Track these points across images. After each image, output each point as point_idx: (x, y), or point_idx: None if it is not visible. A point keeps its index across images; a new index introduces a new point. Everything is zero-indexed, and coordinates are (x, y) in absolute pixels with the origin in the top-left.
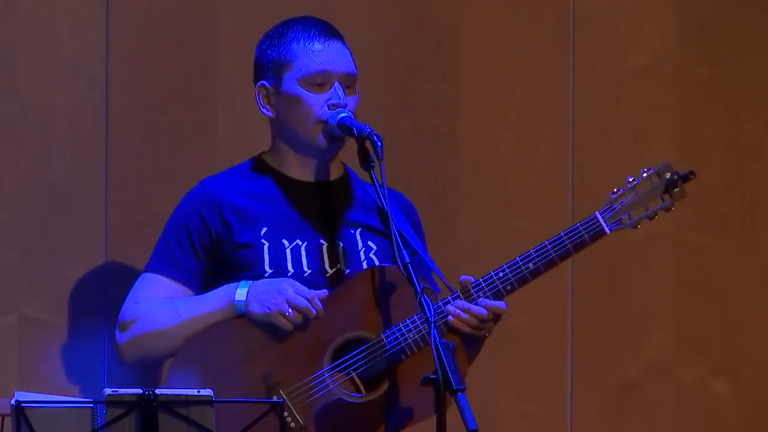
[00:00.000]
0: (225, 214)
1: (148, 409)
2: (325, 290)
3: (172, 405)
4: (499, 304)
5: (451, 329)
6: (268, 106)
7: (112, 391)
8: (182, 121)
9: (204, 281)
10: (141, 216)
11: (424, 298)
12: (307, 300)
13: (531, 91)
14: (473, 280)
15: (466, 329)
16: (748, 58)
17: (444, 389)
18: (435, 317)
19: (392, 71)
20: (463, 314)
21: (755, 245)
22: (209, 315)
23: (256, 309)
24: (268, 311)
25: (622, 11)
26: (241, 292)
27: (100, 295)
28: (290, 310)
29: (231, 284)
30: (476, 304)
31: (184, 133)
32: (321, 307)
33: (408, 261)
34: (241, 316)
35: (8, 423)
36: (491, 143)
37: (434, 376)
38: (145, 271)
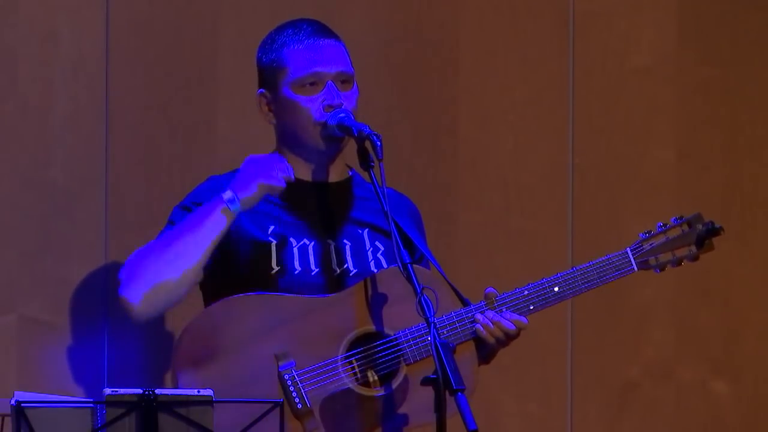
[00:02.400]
0: None
1: (148, 410)
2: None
3: (172, 405)
4: (522, 319)
5: (476, 338)
6: (270, 114)
7: (112, 391)
8: (182, 121)
9: (206, 272)
10: (141, 216)
11: (424, 298)
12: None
13: (531, 91)
14: (498, 293)
15: (491, 340)
16: (748, 58)
17: (444, 389)
18: (464, 321)
19: (392, 71)
20: (491, 325)
21: (755, 245)
22: (210, 223)
23: (245, 194)
24: (255, 190)
25: (622, 11)
26: (226, 193)
27: (100, 295)
28: (268, 175)
29: (214, 197)
30: (501, 316)
31: (184, 133)
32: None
33: (408, 261)
34: (234, 212)
35: (8, 423)
36: (491, 143)
37: (434, 376)
38: None
